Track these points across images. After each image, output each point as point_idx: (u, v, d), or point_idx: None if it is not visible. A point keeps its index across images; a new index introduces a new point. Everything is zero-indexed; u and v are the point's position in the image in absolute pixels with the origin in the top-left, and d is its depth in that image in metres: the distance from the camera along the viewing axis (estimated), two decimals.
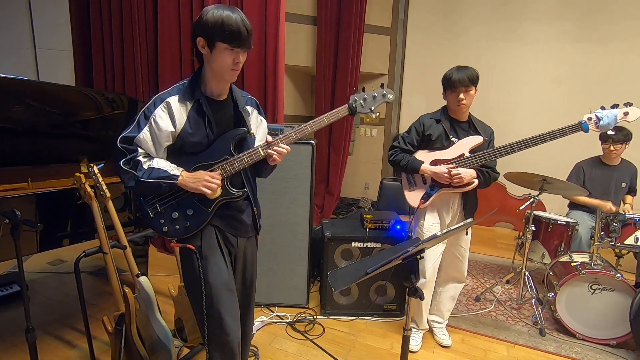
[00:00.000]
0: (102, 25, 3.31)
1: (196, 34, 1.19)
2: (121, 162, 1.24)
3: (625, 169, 2.85)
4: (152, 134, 1.24)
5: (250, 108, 1.43)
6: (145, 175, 1.22)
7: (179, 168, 1.27)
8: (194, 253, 1.30)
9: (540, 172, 2.37)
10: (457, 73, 1.85)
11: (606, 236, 2.39)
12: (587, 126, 1.73)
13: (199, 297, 1.29)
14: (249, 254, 1.48)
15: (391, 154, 2.03)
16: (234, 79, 1.28)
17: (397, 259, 1.07)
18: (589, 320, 2.21)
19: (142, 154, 1.25)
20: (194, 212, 1.30)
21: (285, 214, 2.37)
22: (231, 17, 1.14)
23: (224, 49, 1.17)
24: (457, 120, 1.96)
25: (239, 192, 1.33)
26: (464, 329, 2.34)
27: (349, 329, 2.27)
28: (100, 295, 2.60)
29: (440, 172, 1.85)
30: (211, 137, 1.28)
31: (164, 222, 1.30)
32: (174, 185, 1.24)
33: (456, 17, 4.59)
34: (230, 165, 1.29)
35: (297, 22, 4.27)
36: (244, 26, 1.16)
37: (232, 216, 1.36)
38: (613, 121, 1.70)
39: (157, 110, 1.23)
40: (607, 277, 2.14)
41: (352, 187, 5.27)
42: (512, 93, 4.44)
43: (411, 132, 2.00)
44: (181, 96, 1.25)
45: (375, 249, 2.37)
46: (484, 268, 3.36)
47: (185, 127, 1.25)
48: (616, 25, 3.92)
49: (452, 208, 1.99)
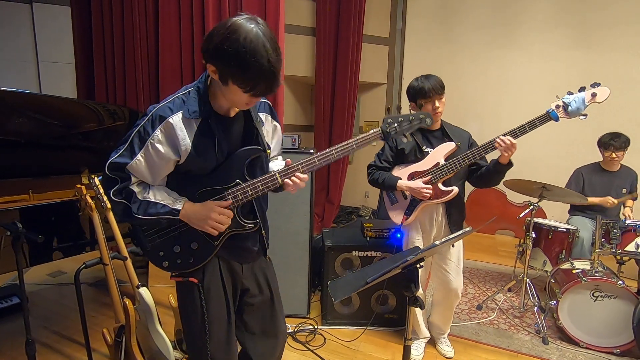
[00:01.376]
0: (104, 38, 3.36)
1: (208, 54, 0.95)
2: (111, 193, 1.05)
3: (626, 175, 2.86)
4: (148, 161, 1.04)
5: (264, 115, 1.22)
6: (141, 210, 1.05)
7: (181, 199, 1.10)
8: (196, 287, 1.16)
9: (539, 179, 2.38)
10: (427, 82, 1.80)
11: (607, 243, 2.39)
12: (556, 114, 1.65)
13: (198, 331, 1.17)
14: (260, 275, 1.30)
15: (369, 173, 2.00)
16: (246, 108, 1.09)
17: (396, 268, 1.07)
18: (592, 328, 2.20)
19: (136, 181, 1.07)
20: (199, 245, 1.14)
21: (285, 224, 2.37)
22: (257, 56, 0.89)
23: (239, 91, 0.96)
24: (430, 129, 1.93)
25: (251, 224, 1.16)
26: (466, 338, 2.32)
27: (351, 339, 2.25)
28: (100, 307, 2.58)
29: (417, 188, 1.81)
30: (220, 160, 1.09)
31: (163, 256, 1.15)
32: (175, 221, 1.09)
33: (453, 25, 4.66)
34: (242, 193, 1.10)
35: (297, 33, 4.33)
36: (270, 69, 0.92)
37: (238, 246, 1.20)
38: (582, 104, 1.62)
39: (155, 133, 1.01)
40: (609, 284, 2.13)
41: (353, 196, 5.27)
42: (508, 98, 4.47)
43: (385, 149, 1.99)
44: (186, 113, 1.02)
45: (376, 258, 2.36)
46: (485, 276, 3.34)
47: (192, 154, 1.04)
48: (611, 31, 3.97)
49: (437, 220, 1.96)
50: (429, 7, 4.75)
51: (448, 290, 2.00)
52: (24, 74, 3.96)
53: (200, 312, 1.16)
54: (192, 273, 1.16)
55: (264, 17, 2.84)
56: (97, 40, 3.39)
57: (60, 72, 3.97)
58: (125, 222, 1.14)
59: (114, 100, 3.39)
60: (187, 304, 1.19)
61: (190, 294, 1.17)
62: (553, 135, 3.96)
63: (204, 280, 1.16)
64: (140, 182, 1.08)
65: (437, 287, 2.08)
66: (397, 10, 4.83)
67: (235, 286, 1.24)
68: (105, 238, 1.71)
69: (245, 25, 0.90)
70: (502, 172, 1.81)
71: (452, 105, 2.42)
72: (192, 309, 1.17)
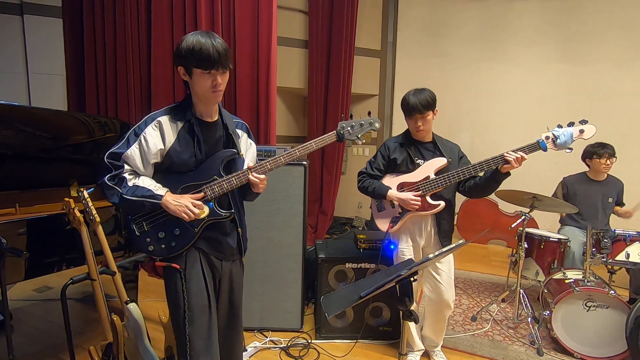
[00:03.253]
0: (96, 49, 3.34)
1: (176, 63, 1.26)
2: (106, 178, 1.24)
3: (612, 184, 2.91)
4: (140, 150, 1.25)
5: (240, 131, 1.46)
6: (129, 192, 1.22)
7: (164, 188, 1.28)
8: (178, 273, 1.30)
9: (530, 189, 2.41)
10: (412, 97, 1.82)
11: (598, 252, 2.41)
12: (545, 145, 1.74)
13: (181, 317, 1.29)
14: (235, 277, 1.46)
15: (359, 180, 2.02)
16: (218, 99, 1.31)
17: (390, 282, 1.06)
18: (586, 338, 2.20)
19: (128, 170, 1.26)
20: (181, 231, 1.30)
21: (278, 236, 2.35)
22: (201, 42, 1.17)
23: (200, 74, 1.21)
24: (421, 141, 1.95)
25: (226, 213, 1.33)
26: (462, 350, 2.30)
27: (345, 353, 2.21)
28: (88, 323, 2.51)
29: (406, 199, 1.84)
30: (199, 157, 1.30)
31: (150, 241, 1.30)
32: (157, 205, 1.24)
33: (443, 39, 4.75)
34: (218, 186, 1.30)
35: (289, 46, 4.37)
36: (214, 49, 1.18)
37: (216, 239, 1.36)
38: (569, 139, 1.71)
39: (148, 128, 1.25)
40: (601, 294, 2.14)
41: (346, 207, 5.27)
42: (498, 112, 4.55)
43: (377, 157, 2.00)
44: (172, 116, 1.28)
45: (370, 270, 2.35)
46: (479, 286, 3.34)
47: (174, 146, 1.27)
48: (599, 43, 4.08)
49: (426, 231, 1.96)
50: (419, 20, 4.84)
51: (440, 301, 1.99)
52: (14, 85, 3.92)
53: (182, 298, 1.29)
54: (175, 259, 1.30)
55: (257, 29, 2.87)
56: (89, 51, 3.37)
57: (50, 83, 3.93)
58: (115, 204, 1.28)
59: (105, 112, 3.36)
60: (171, 289, 1.33)
61: (173, 280, 1.31)
62: None
63: (186, 269, 1.30)
64: (131, 172, 1.27)
65: (429, 299, 2.05)
66: (388, 24, 4.92)
67: (214, 278, 1.39)
68: (93, 252, 1.67)
69: (196, 32, 1.23)
70: (499, 182, 1.82)
71: (443, 116, 2.44)
72: (175, 294, 1.31)
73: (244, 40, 2.89)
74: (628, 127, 3.94)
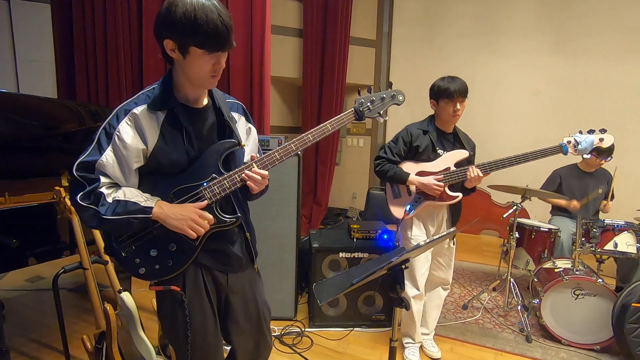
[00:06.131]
0: (86, 36, 3.27)
1: (162, 34, 0.95)
2: (78, 197, 0.96)
3: (602, 176, 2.95)
4: (117, 154, 0.99)
5: (237, 115, 1.20)
6: (110, 211, 0.96)
7: (154, 198, 1.02)
8: (177, 296, 1.08)
9: (521, 181, 2.44)
10: (453, 83, 1.82)
11: (587, 242, 2.45)
12: (567, 149, 1.85)
13: (183, 347, 1.11)
14: (247, 288, 1.23)
15: (377, 164, 1.99)
16: (215, 84, 1.06)
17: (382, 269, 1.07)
18: (574, 325, 2.25)
19: (106, 184, 1.00)
20: (177, 247, 1.06)
21: (271, 226, 2.35)
22: (206, 10, 0.90)
23: (201, 55, 0.95)
24: (444, 131, 1.95)
25: (232, 219, 1.08)
26: (453, 337, 2.34)
27: (338, 341, 2.24)
28: (81, 313, 2.51)
29: (429, 184, 1.84)
30: (192, 154, 1.05)
31: (139, 262, 1.05)
32: (147, 220, 0.99)
33: (438, 30, 4.72)
34: (219, 187, 1.05)
35: (283, 35, 4.32)
36: (222, 23, 0.92)
37: (221, 250, 1.13)
38: (590, 146, 1.82)
39: (121, 124, 0.99)
40: (589, 283, 2.18)
41: (340, 197, 5.28)
42: (492, 104, 4.55)
43: (398, 142, 1.96)
44: (150, 105, 1.01)
45: (363, 259, 2.36)
46: (470, 276, 3.39)
47: (159, 144, 1.01)
48: (590, 38, 4.08)
49: (437, 219, 1.99)
50: (415, 11, 4.79)
51: (439, 281, 2.09)
52: (1, 72, 3.83)
53: (183, 324, 1.09)
54: (172, 281, 1.08)
55: (251, 18, 2.82)
56: (78, 38, 3.30)
57: (39, 71, 3.85)
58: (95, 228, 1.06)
59: (96, 100, 3.31)
60: (168, 315, 1.12)
61: (171, 305, 1.10)
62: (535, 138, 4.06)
63: (186, 290, 1.09)
64: (110, 185, 1.01)
65: (428, 280, 2.08)
66: (384, 13, 4.87)
67: (219, 298, 1.18)
68: (85, 242, 1.66)
69: None
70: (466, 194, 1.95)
71: None
72: (173, 320, 1.11)
73: (237, 29, 2.85)
74: (617, 122, 3.97)
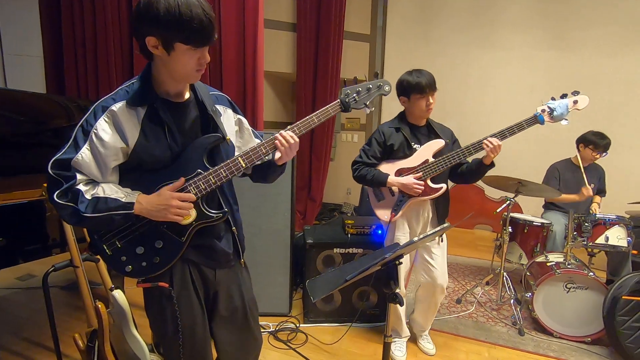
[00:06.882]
0: (74, 29, 3.21)
1: (143, 31, 0.92)
2: (55, 195, 0.95)
3: (594, 171, 2.97)
4: (94, 153, 0.97)
5: (222, 107, 1.18)
6: (90, 208, 0.95)
7: (134, 192, 1.02)
8: (165, 293, 1.09)
9: (515, 175, 2.44)
10: (423, 77, 1.79)
11: (579, 236, 2.47)
12: (543, 118, 1.75)
13: (173, 344, 1.12)
14: (234, 284, 1.23)
15: (355, 169, 1.94)
16: (199, 79, 1.05)
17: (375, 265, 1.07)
18: (565, 318, 2.27)
19: (83, 180, 0.98)
20: (164, 243, 1.06)
21: (266, 222, 2.33)
22: (190, 6, 0.88)
23: (187, 51, 0.93)
24: (416, 125, 1.92)
25: (218, 214, 1.08)
26: (447, 331, 2.36)
27: (333, 336, 2.25)
28: (73, 311, 2.48)
29: (409, 183, 1.80)
30: (175, 149, 1.04)
31: (126, 260, 1.05)
32: (130, 216, 0.98)
33: (433, 24, 4.70)
34: (205, 182, 1.04)
35: (277, 29, 4.27)
36: (207, 17, 0.91)
37: (208, 246, 1.14)
38: (565, 110, 1.73)
39: (98, 122, 0.97)
40: (581, 276, 2.21)
41: (335, 193, 5.28)
42: (487, 98, 4.56)
43: (372, 144, 1.92)
44: (130, 101, 0.99)
45: (357, 255, 2.36)
46: (464, 270, 3.41)
47: (141, 140, 0.99)
48: (585, 32, 4.10)
49: (423, 216, 1.95)
50: (409, 5, 4.77)
51: (434, 286, 1.99)
52: None
53: (172, 321, 1.09)
54: (159, 278, 1.08)
55: (243, 11, 2.79)
56: (67, 32, 3.24)
57: (27, 65, 3.76)
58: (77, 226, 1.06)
59: (86, 95, 3.26)
60: (156, 312, 1.12)
61: (159, 302, 1.10)
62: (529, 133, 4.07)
63: (174, 286, 1.10)
64: (87, 182, 1.00)
65: (423, 284, 2.06)
66: (378, 8, 4.84)
67: (207, 293, 1.19)
68: (75, 239, 1.64)
69: None
70: (483, 173, 1.84)
71: None
72: (162, 318, 1.11)
73: (229, 23, 2.81)
74: (609, 116, 4.00)
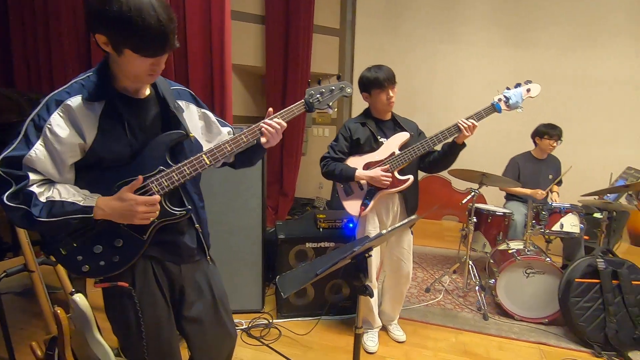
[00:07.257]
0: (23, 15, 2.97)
1: (93, 27, 0.86)
2: (5, 198, 0.88)
3: (552, 162, 3.15)
4: (49, 149, 0.91)
5: (185, 103, 1.15)
6: (44, 212, 0.89)
7: (93, 195, 0.96)
8: (126, 292, 1.04)
9: (480, 168, 2.55)
10: (381, 72, 1.84)
11: (537, 224, 2.62)
12: (500, 106, 1.85)
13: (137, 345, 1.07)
14: (202, 278, 1.20)
15: (323, 165, 1.96)
16: (152, 81, 1.02)
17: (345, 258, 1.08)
18: (525, 302, 2.41)
19: (37, 181, 0.92)
20: (124, 242, 1.01)
21: (237, 219, 2.29)
22: (143, 13, 0.82)
23: (136, 58, 0.88)
24: (382, 120, 1.97)
25: (181, 212, 1.05)
26: (416, 319, 2.44)
27: (306, 330, 2.26)
28: (30, 318, 2.34)
29: (377, 176, 1.83)
30: (136, 146, 1.00)
31: (82, 260, 0.99)
32: (89, 221, 0.94)
33: (401, 20, 4.77)
34: (167, 179, 1.01)
35: (244, 21, 4.17)
36: (160, 26, 0.84)
37: (171, 242, 1.10)
38: (520, 99, 1.85)
39: (52, 117, 0.91)
40: (539, 262, 2.35)
41: (306, 187, 5.28)
42: (452, 93, 4.71)
43: (339, 139, 1.96)
44: (86, 95, 0.94)
45: (329, 249, 2.38)
46: (432, 260, 3.53)
47: (99, 137, 0.95)
48: (540, 31, 4.31)
49: (392, 210, 1.99)
50: (378, 0, 4.81)
51: (399, 276, 2.07)
52: None
53: (135, 320, 1.05)
54: (119, 277, 1.03)
55: (209, 3, 2.69)
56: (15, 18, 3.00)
57: None
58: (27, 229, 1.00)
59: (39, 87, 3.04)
60: (117, 313, 1.08)
61: (119, 302, 1.06)
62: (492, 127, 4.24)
63: (135, 285, 1.05)
64: (41, 183, 0.93)
65: (389, 274, 2.13)
66: (347, 2, 4.84)
67: (173, 290, 1.14)
68: (30, 242, 1.54)
69: None
70: (456, 153, 1.89)
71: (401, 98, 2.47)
72: (124, 319, 1.06)
73: (195, 14, 2.71)
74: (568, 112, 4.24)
